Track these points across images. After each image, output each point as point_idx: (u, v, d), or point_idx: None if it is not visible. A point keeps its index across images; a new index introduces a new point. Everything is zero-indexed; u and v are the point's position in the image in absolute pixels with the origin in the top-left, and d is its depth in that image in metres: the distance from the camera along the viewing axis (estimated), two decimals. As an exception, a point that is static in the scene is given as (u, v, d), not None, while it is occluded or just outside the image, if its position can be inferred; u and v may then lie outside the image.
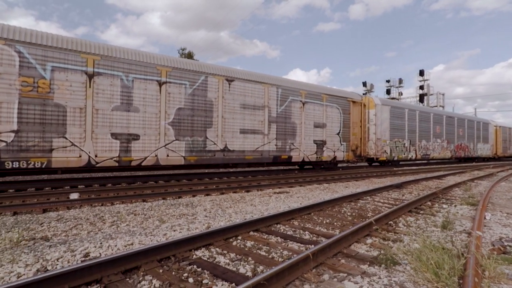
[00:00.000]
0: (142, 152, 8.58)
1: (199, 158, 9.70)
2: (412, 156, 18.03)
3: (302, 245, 3.73)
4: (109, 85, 8.07)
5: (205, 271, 2.89)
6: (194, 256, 3.25)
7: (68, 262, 3.05)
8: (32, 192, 7.02)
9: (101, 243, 3.62)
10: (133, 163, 8.43)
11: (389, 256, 3.14)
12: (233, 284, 2.62)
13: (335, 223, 4.79)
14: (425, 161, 22.60)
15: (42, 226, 4.56)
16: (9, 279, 2.70)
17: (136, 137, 8.46)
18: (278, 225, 4.58)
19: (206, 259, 3.19)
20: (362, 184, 10.08)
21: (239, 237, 3.90)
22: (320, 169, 13.85)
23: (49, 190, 7.29)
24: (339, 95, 13.97)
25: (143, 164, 8.59)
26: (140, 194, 7.02)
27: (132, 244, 3.61)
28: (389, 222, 4.80)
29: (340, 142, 13.86)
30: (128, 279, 2.67)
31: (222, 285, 2.63)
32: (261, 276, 2.47)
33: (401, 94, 41.81)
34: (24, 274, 2.78)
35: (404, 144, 17.31)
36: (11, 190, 7.38)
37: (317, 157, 12.90)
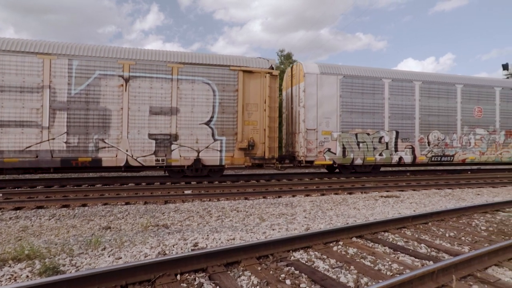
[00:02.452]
0: None
1: None
2: (405, 158, 11.11)
3: (417, 259, 3.17)
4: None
5: (302, 274, 2.75)
6: (292, 257, 3.15)
7: (181, 249, 3.41)
8: (157, 186, 8.34)
9: (207, 235, 3.93)
10: None
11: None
12: (334, 293, 2.40)
13: (463, 238, 3.91)
14: (441, 167, 13.68)
15: (163, 215, 5.31)
16: (139, 257, 3.18)
17: None
18: (386, 233, 4.05)
19: (304, 262, 3.05)
20: (502, 192, 8.08)
21: (340, 243, 3.61)
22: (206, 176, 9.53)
23: (169, 185, 8.50)
24: (213, 63, 9.06)
25: None
26: (243, 192, 7.43)
27: (234, 239, 3.79)
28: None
29: (213, 136, 9.04)
30: (229, 272, 2.77)
31: (321, 292, 2.44)
32: (366, 290, 2.17)
33: None
34: (149, 255, 3.24)
35: (381, 138, 10.85)
36: (143, 184, 8.95)
37: (157, 160, 8.70)
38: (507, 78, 32.77)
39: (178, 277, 2.63)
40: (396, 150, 11.11)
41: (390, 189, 8.31)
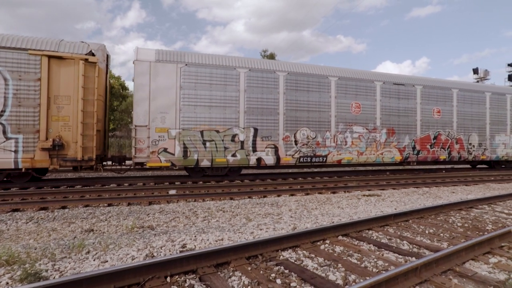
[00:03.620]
0: None
1: None
2: (266, 159, 9.66)
3: (400, 256, 3.30)
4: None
5: (292, 273, 2.80)
6: (281, 257, 3.19)
7: (169, 251, 3.36)
8: (140, 186, 8.17)
9: (195, 236, 3.90)
10: None
11: (524, 282, 2.48)
12: (323, 291, 2.46)
13: (441, 234, 4.10)
14: (319, 169, 13.36)
15: (148, 217, 5.22)
16: (126, 260, 3.11)
17: None
18: (370, 231, 4.17)
19: (293, 261, 3.10)
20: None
21: (327, 241, 3.69)
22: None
23: (153, 186, 8.34)
24: (4, 45, 7.45)
25: None
26: (228, 192, 7.41)
27: (222, 239, 3.79)
28: (518, 238, 3.86)
29: (4, 134, 7.42)
30: (219, 273, 2.77)
31: (311, 291, 2.49)
32: (355, 287, 2.24)
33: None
34: (136, 257, 3.18)
35: (234, 136, 9.34)
36: (126, 184, 8.74)
37: None
38: (477, 81, 34.37)
39: (168, 279, 2.60)
40: (254, 150, 9.53)
41: (371, 188, 8.55)
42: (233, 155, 9.33)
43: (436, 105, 12.38)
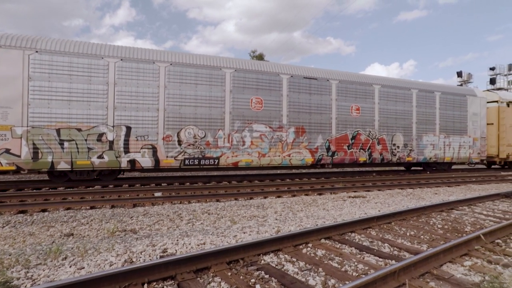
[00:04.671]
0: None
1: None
2: (141, 161, 8.46)
3: (380, 259, 3.33)
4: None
5: (272, 278, 2.79)
6: (263, 261, 3.18)
7: (149, 256, 3.31)
8: (126, 188, 8.03)
9: (177, 240, 3.85)
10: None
11: (497, 285, 2.54)
12: (302, 296, 2.45)
13: (422, 236, 4.17)
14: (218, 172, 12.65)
15: (131, 220, 5.13)
16: (104, 267, 3.04)
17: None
18: (353, 234, 4.21)
19: (274, 265, 3.09)
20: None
21: (310, 245, 3.70)
22: None
23: (138, 187, 8.22)
24: None
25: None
26: (215, 194, 7.37)
27: (204, 243, 3.75)
28: (497, 241, 3.95)
29: None
30: (199, 279, 2.74)
31: (290, 296, 2.48)
32: (333, 293, 2.24)
33: (512, 84, 35.00)
34: (115, 263, 3.11)
35: (101, 135, 8.14)
36: (111, 186, 8.58)
37: None
38: (460, 85, 35.23)
39: (145, 286, 2.55)
40: (127, 151, 8.32)
41: (357, 189, 8.64)
42: (100, 157, 8.10)
43: (355, 102, 11.29)
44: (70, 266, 2.99)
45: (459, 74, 36.64)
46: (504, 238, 4.10)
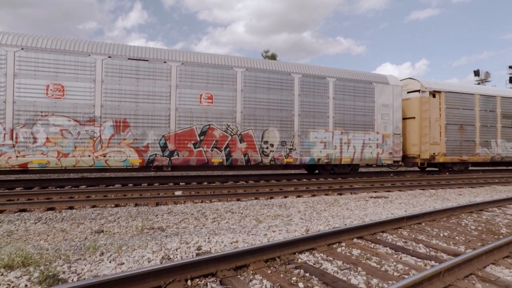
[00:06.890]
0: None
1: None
2: None
3: (419, 259, 3.26)
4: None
5: (313, 277, 2.75)
6: (299, 259, 3.15)
7: (185, 253, 3.31)
8: (145, 187, 8.10)
9: (209, 238, 3.85)
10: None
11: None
12: (348, 296, 2.41)
13: (457, 238, 4.06)
14: None
15: (157, 218, 5.16)
16: (142, 263, 3.04)
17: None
18: (384, 234, 4.13)
19: (311, 264, 3.05)
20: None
21: (343, 244, 3.65)
22: None
23: (158, 186, 8.28)
24: None
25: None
26: (235, 193, 7.36)
27: (236, 241, 3.73)
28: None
29: None
30: (239, 276, 2.72)
31: (335, 295, 2.44)
32: (383, 292, 2.20)
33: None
34: (152, 260, 3.12)
35: None
36: (130, 185, 8.66)
37: None
38: (478, 84, 34.33)
39: (189, 282, 2.55)
40: None
41: (377, 189, 8.52)
42: None
43: (205, 89, 8.95)
44: (110, 262, 3.01)
45: (476, 73, 35.51)
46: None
